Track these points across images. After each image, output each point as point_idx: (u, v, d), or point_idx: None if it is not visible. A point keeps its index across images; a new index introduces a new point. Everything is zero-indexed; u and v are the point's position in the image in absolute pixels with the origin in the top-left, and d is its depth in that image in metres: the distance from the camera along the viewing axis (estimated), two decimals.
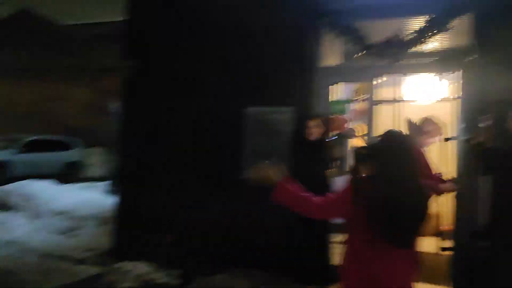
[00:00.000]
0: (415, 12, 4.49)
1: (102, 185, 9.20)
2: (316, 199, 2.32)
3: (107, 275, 5.26)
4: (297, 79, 5.07)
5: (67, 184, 9.42)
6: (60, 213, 7.13)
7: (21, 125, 22.38)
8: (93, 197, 7.80)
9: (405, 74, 4.98)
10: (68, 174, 15.03)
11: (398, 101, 5.45)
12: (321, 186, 3.35)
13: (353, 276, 2.27)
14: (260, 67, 5.25)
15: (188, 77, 5.67)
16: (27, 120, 22.72)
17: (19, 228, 6.87)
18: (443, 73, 4.59)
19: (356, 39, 4.74)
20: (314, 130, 4.23)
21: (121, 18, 6.50)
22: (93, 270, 5.51)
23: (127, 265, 5.38)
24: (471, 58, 4.32)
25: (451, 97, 4.97)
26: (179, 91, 5.73)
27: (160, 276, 5.11)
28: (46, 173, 14.14)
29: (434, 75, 4.66)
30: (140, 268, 5.30)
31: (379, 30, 4.67)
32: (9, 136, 15.90)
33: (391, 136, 2.29)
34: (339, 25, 4.83)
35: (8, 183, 8.59)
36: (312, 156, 4.11)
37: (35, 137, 15.59)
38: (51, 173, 14.48)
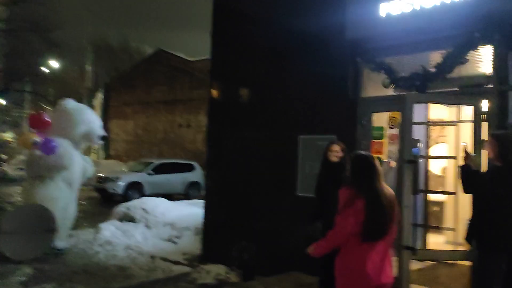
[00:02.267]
0: (436, 47, 5.02)
1: None
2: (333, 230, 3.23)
3: (193, 273, 6.60)
4: (341, 109, 5.88)
5: (177, 201, 11.21)
6: (167, 224, 8.77)
7: (156, 150, 25.97)
8: (195, 212, 9.30)
9: (434, 103, 5.44)
10: (190, 193, 17.31)
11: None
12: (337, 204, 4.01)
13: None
14: (310, 99, 6.18)
15: (255, 109, 6.85)
16: (160, 145, 26.26)
17: (137, 235, 8.65)
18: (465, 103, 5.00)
19: (388, 73, 5.38)
20: (335, 154, 4.83)
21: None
22: (184, 269, 6.91)
23: (210, 267, 6.65)
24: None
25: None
26: (250, 120, 6.93)
27: (231, 276, 6.26)
28: (172, 192, 16.56)
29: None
30: (219, 269, 6.53)
31: (407, 64, 5.28)
32: (144, 160, 18.90)
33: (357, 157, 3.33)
34: (374, 61, 5.54)
35: None
36: (332, 177, 4.73)
37: (163, 161, 18.29)
38: (176, 191, 16.90)
